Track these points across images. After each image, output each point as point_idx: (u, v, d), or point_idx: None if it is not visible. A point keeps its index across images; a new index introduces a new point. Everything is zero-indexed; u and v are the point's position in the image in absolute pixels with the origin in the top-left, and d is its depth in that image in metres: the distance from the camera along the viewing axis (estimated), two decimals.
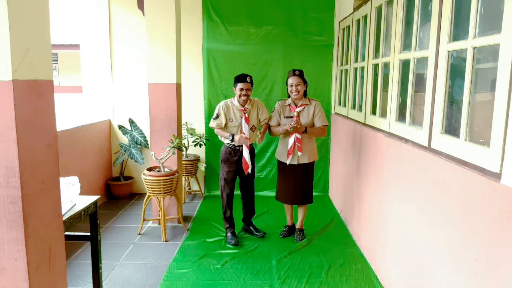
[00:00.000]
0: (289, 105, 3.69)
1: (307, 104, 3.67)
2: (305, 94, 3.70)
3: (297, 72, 3.62)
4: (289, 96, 3.73)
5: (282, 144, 3.75)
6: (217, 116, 3.70)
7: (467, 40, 1.95)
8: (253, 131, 3.75)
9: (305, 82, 3.66)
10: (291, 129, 3.53)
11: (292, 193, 3.77)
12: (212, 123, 3.74)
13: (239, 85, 3.62)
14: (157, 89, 4.18)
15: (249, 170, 3.71)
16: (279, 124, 3.72)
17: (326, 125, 3.69)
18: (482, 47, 1.89)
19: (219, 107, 3.70)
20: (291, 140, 3.60)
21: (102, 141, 5.19)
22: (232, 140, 3.64)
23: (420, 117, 2.50)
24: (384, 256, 3.05)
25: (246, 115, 3.67)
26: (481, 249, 1.76)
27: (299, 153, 3.61)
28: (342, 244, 3.79)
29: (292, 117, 3.65)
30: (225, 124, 3.71)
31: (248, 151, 3.67)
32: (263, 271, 3.26)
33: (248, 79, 3.63)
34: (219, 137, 3.84)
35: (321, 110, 3.69)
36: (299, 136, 3.59)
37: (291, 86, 3.61)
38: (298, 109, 3.64)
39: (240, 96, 3.64)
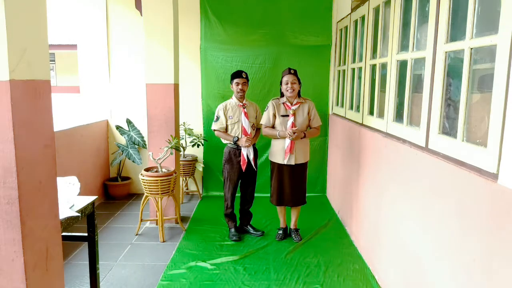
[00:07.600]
0: (283, 103, 3.71)
1: (302, 103, 3.72)
2: (299, 94, 3.75)
3: (292, 71, 3.67)
4: (281, 95, 3.76)
5: (276, 146, 3.73)
6: (217, 118, 3.85)
7: (464, 41, 1.96)
8: (254, 129, 3.89)
9: (299, 81, 3.71)
10: (291, 138, 3.57)
11: (289, 195, 3.76)
12: (214, 126, 3.87)
13: (235, 80, 3.80)
14: (154, 90, 4.18)
15: (254, 168, 3.86)
16: (273, 125, 3.73)
17: (320, 125, 3.83)
18: (479, 47, 1.90)
19: (218, 109, 3.86)
20: (287, 140, 3.62)
21: (100, 141, 5.17)
22: (235, 142, 3.77)
23: (417, 117, 2.51)
24: (382, 256, 3.05)
25: (245, 110, 3.81)
26: (479, 249, 1.76)
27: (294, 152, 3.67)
28: (340, 245, 3.80)
29: (287, 115, 3.67)
30: (226, 126, 3.83)
31: (246, 150, 3.79)
32: (260, 271, 3.26)
33: (244, 75, 3.81)
34: (222, 139, 3.94)
35: (315, 111, 3.79)
36: None
37: (287, 84, 3.63)
38: (293, 107, 3.67)
39: (237, 92, 3.79)
